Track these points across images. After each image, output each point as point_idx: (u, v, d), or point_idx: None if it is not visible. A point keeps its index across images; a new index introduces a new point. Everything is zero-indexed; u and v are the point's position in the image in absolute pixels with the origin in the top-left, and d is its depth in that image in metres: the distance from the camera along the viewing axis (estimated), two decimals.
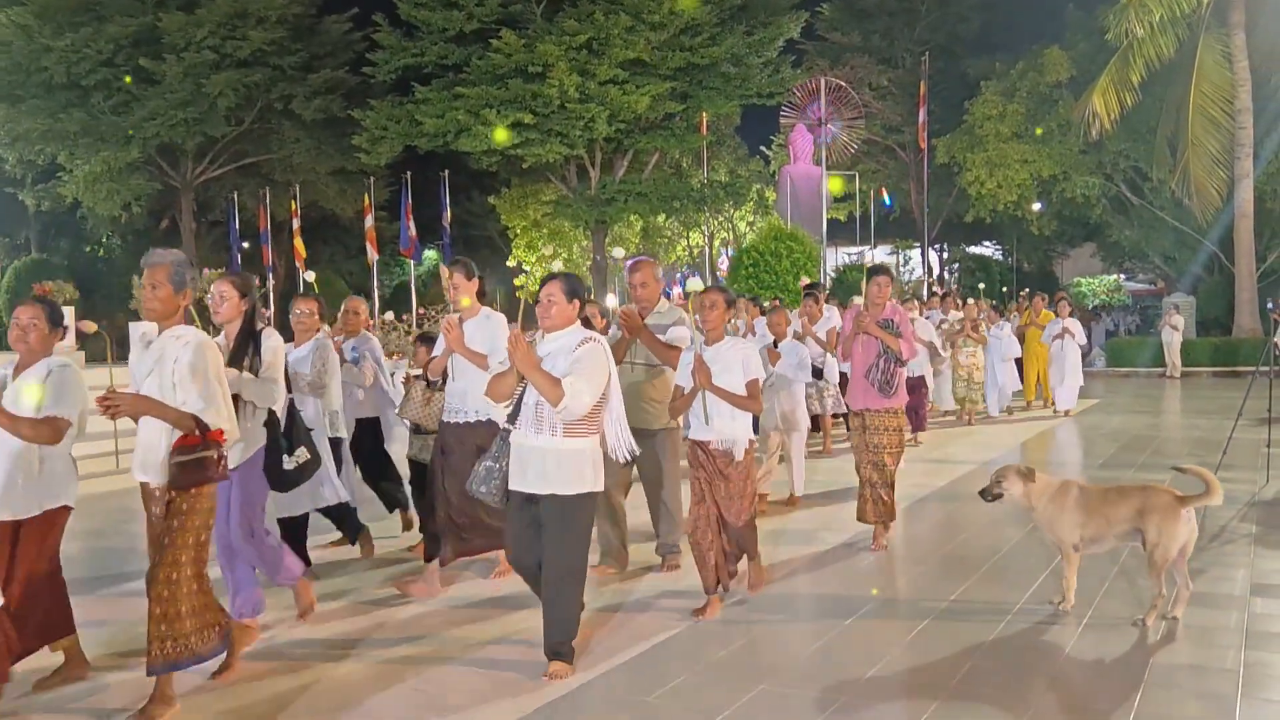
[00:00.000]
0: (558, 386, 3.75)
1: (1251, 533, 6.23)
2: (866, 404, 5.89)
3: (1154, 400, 15.55)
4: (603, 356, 3.92)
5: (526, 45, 22.88)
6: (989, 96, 25.50)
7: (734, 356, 4.64)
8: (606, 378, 3.93)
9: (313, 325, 5.73)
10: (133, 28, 24.44)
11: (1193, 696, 3.72)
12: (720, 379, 4.59)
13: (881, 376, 5.80)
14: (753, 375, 4.62)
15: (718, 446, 4.67)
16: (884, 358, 5.81)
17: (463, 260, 5.22)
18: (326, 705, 3.79)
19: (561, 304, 3.98)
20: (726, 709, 3.65)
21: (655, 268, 5.44)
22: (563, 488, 3.88)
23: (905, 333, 5.85)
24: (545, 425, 3.88)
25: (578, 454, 3.90)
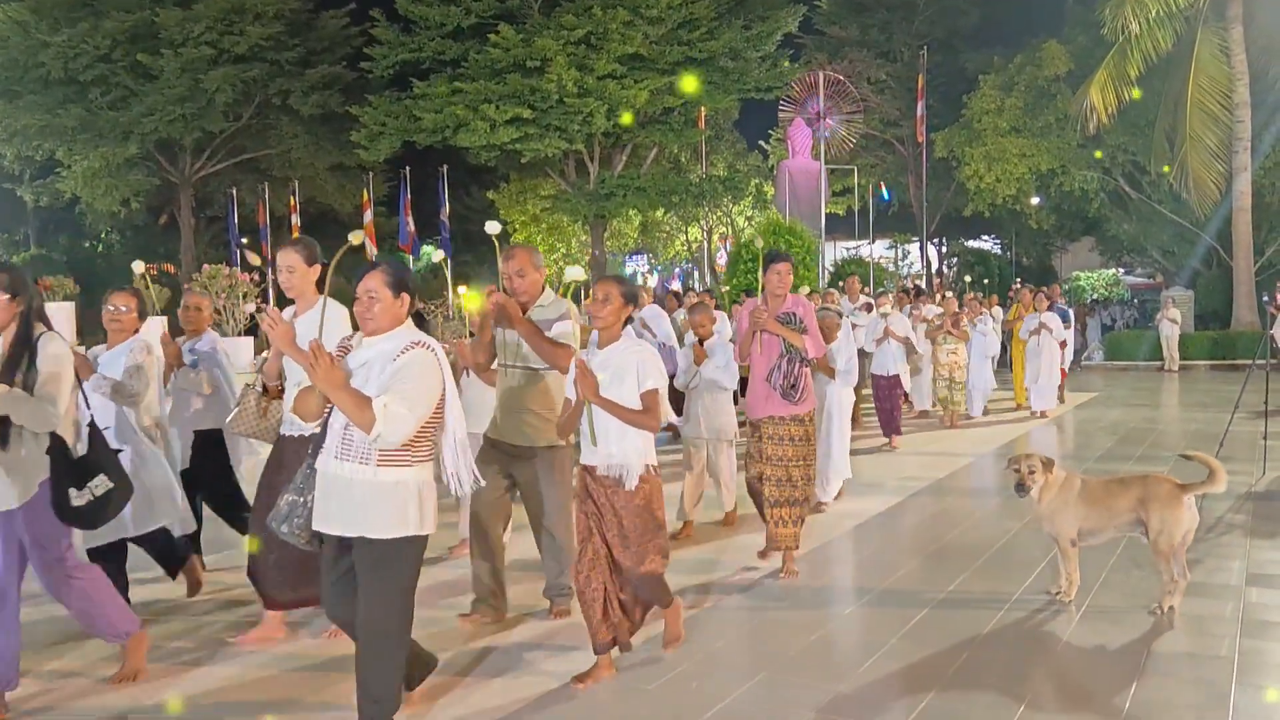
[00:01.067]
0: (367, 409, 3.00)
1: (1248, 524, 6.27)
2: (769, 411, 5.15)
3: (1151, 393, 15.59)
4: (432, 367, 3.16)
5: (524, 40, 22.87)
6: (987, 90, 25.49)
7: (628, 362, 3.74)
8: (437, 393, 3.18)
9: (129, 325, 4.83)
10: (130, 23, 24.43)
11: (1189, 684, 3.76)
12: (610, 389, 3.69)
13: (785, 380, 5.11)
14: (650, 385, 3.72)
15: (606, 473, 3.77)
16: (787, 358, 5.12)
17: (302, 240, 4.35)
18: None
19: (385, 300, 3.20)
20: (726, 698, 3.68)
21: (533, 255, 4.59)
22: (376, 529, 3.14)
23: (811, 328, 5.20)
24: (355, 451, 3.14)
25: (397, 488, 3.15)
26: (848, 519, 6.66)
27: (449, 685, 3.84)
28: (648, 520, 3.80)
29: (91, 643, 4.30)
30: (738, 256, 18.75)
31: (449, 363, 3.34)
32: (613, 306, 3.81)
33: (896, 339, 9.94)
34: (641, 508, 3.77)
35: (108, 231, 31.74)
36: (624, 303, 3.83)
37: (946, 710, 3.54)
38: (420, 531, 3.21)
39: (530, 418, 4.45)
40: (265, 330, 3.37)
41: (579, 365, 3.68)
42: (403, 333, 3.22)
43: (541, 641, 4.35)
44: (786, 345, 5.12)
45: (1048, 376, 12.07)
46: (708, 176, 27.34)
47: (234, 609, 4.89)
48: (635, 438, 3.75)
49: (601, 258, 27.46)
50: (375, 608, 3.20)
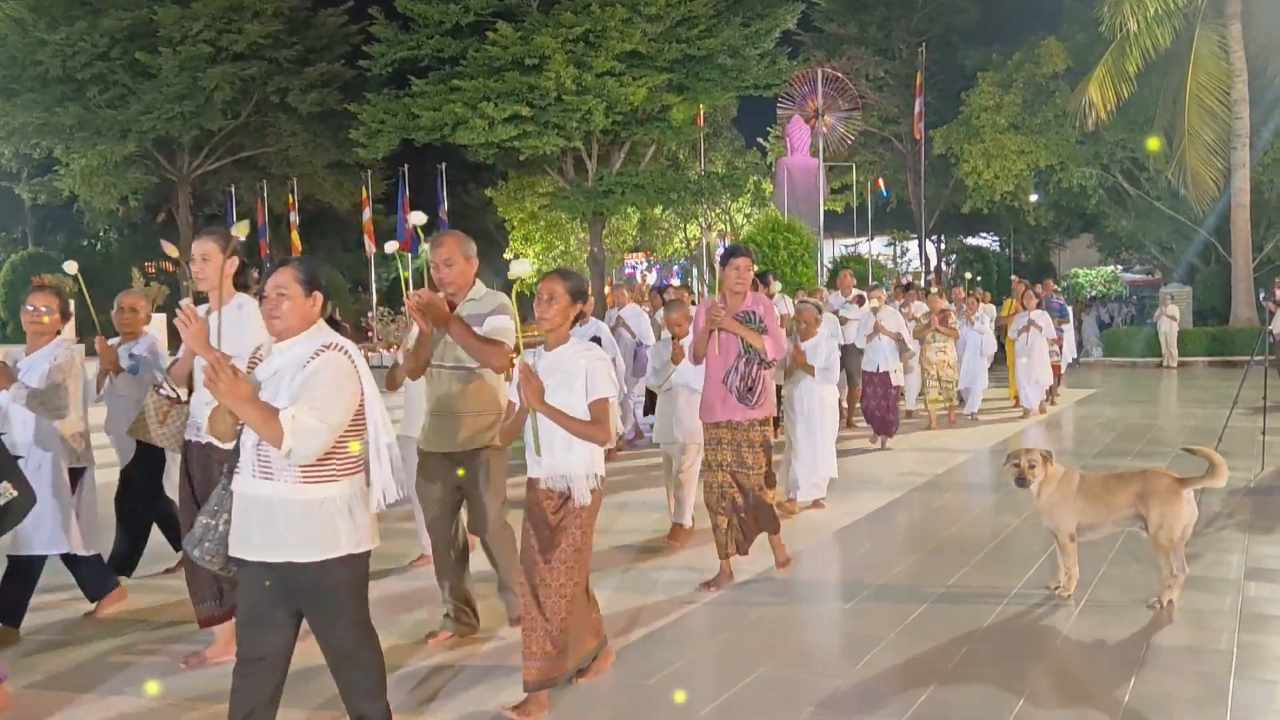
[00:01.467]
0: (274, 422, 2.72)
1: (1246, 518, 6.28)
2: (726, 415, 4.87)
3: (1150, 390, 15.60)
4: (345, 371, 2.88)
5: (523, 38, 22.84)
6: (986, 87, 25.49)
7: (576, 367, 3.44)
8: (353, 399, 2.89)
9: (50, 328, 4.55)
10: (128, 21, 24.40)
11: (1188, 677, 3.77)
12: (555, 395, 3.40)
13: (742, 382, 4.83)
14: (600, 393, 3.41)
15: (550, 485, 3.49)
16: (745, 359, 4.83)
17: (218, 231, 4.00)
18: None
19: (296, 299, 2.90)
20: (725, 692, 3.68)
21: (464, 243, 4.17)
22: (304, 552, 2.85)
23: (771, 327, 4.89)
24: (274, 468, 2.86)
25: (324, 505, 2.87)
26: (846, 515, 6.67)
27: (433, 690, 3.79)
28: (579, 539, 3.49)
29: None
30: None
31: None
32: (559, 306, 3.49)
33: (888, 335, 9.60)
34: (579, 532, 3.48)
35: (106, 230, 31.71)
36: (571, 301, 3.51)
37: (945, 704, 3.55)
38: (357, 549, 2.93)
39: (465, 420, 4.09)
40: (178, 327, 3.16)
41: (522, 369, 3.37)
42: (313, 336, 2.94)
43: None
44: (745, 345, 4.83)
45: (1038, 375, 11.77)
46: (706, 174, 27.32)
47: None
48: (583, 449, 3.46)
49: (600, 255, 27.45)
50: (332, 633, 2.98)
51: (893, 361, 9.65)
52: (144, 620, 4.72)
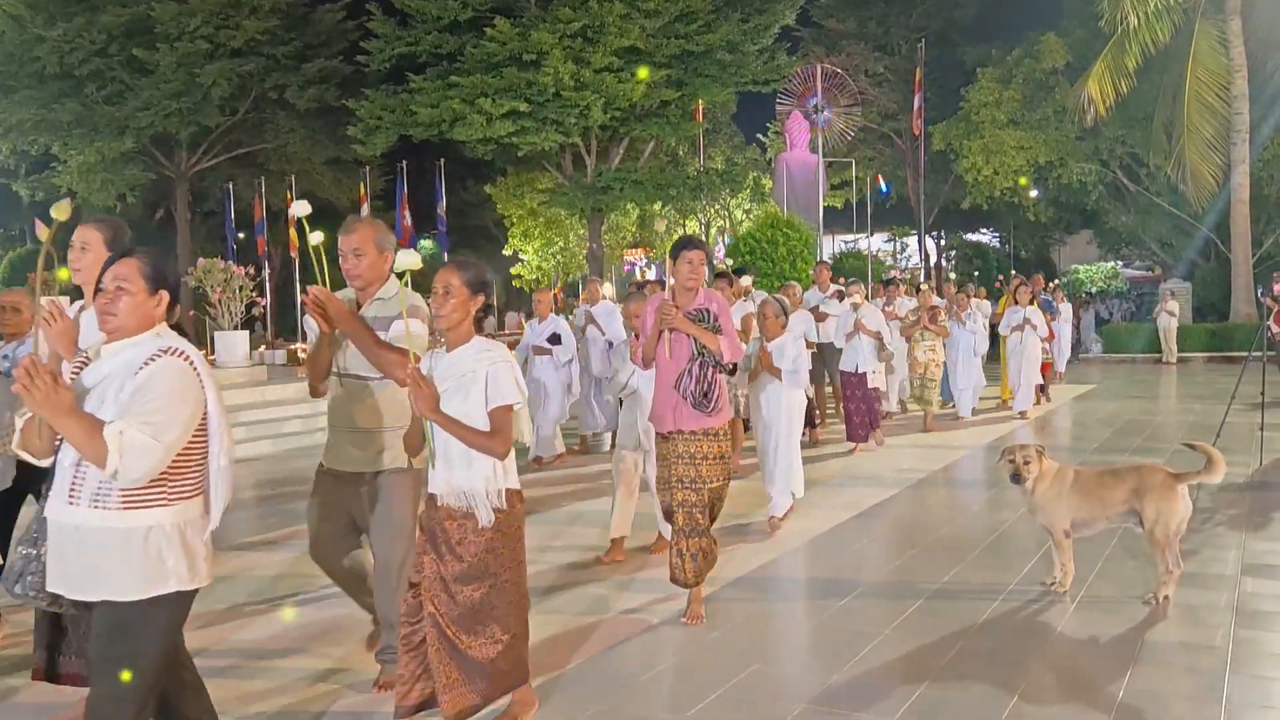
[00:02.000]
0: (98, 438, 2.34)
1: (1243, 514, 6.27)
2: (678, 424, 4.40)
3: (1149, 385, 15.59)
4: (185, 380, 2.48)
5: (521, 33, 22.79)
6: (985, 83, 25.45)
7: (477, 370, 3.07)
8: (194, 412, 2.49)
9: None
10: (125, 17, 24.33)
11: (1183, 673, 3.75)
12: (451, 402, 3.04)
13: (695, 387, 4.38)
14: (501, 400, 3.05)
15: (451, 502, 3.10)
16: (698, 362, 4.40)
17: (106, 219, 3.50)
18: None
19: (138, 295, 2.53)
20: (718, 689, 3.67)
21: (379, 233, 3.66)
22: (122, 589, 2.44)
23: (727, 327, 4.47)
24: (88, 492, 2.44)
25: (149, 535, 2.46)
26: (841, 511, 6.65)
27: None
28: (500, 569, 3.11)
29: None
30: (736, 250, 18.72)
31: None
32: (456, 300, 3.10)
33: (868, 334, 9.14)
34: (485, 552, 3.08)
35: None
36: (471, 294, 3.11)
37: (941, 700, 3.53)
38: (186, 586, 2.51)
39: (362, 438, 3.55)
40: (40, 326, 2.77)
41: (411, 374, 3.00)
42: (150, 339, 2.53)
43: None
44: (698, 347, 4.41)
45: (1030, 375, 11.34)
46: (705, 170, 27.29)
47: None
48: (486, 462, 3.07)
49: (599, 251, 27.42)
50: (104, 688, 2.45)
51: (872, 362, 9.20)
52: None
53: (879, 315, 9.50)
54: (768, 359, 6.25)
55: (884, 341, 9.38)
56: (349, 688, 3.77)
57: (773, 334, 6.31)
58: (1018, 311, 11.47)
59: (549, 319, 8.83)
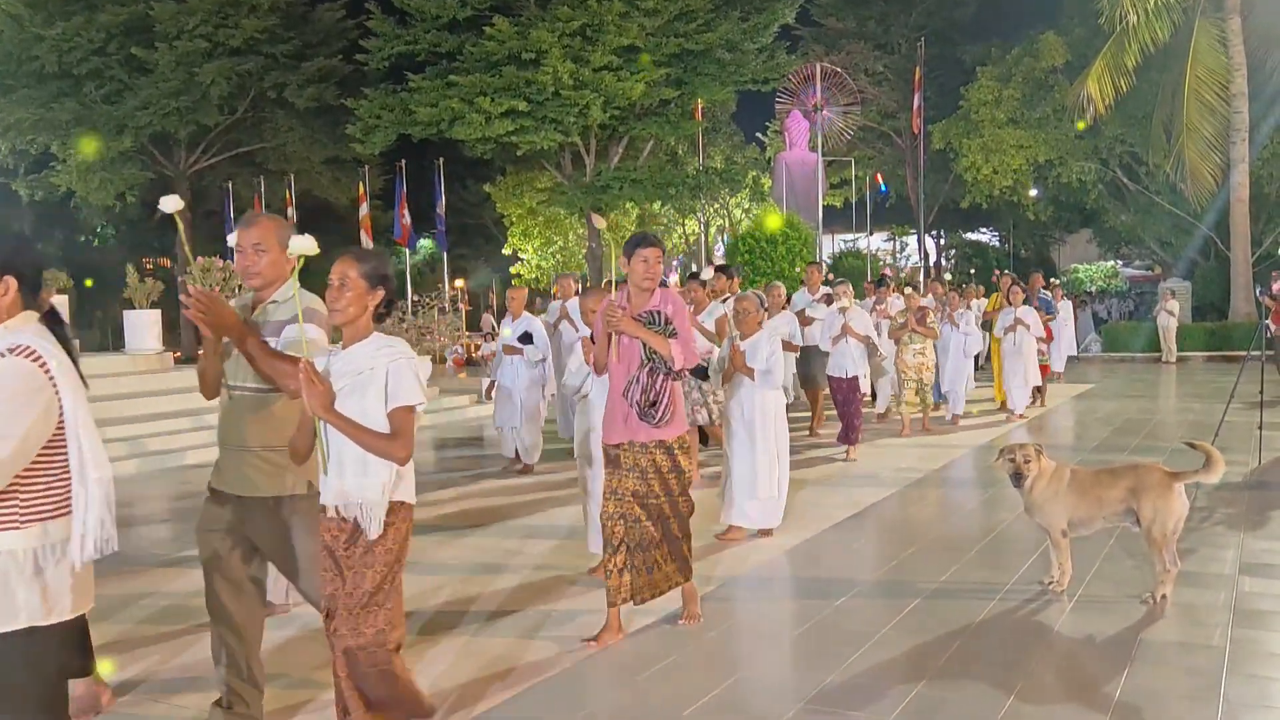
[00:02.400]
0: None
1: (1241, 513, 6.26)
2: (627, 435, 4.13)
3: (1148, 385, 15.58)
4: (30, 383, 2.23)
5: (520, 32, 22.78)
6: (985, 82, 25.46)
7: (376, 367, 2.83)
8: (43, 419, 2.24)
9: None
10: (124, 16, 24.32)
11: (1180, 673, 3.74)
12: (346, 401, 2.80)
13: (643, 395, 4.07)
14: (401, 400, 2.80)
15: (342, 513, 2.84)
16: (648, 368, 4.09)
17: None
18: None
19: None
20: (716, 688, 3.66)
21: (281, 229, 3.32)
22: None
23: (682, 330, 4.14)
24: None
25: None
26: (840, 510, 6.64)
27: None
28: (383, 578, 2.85)
29: None
30: (735, 249, 18.72)
31: None
32: (353, 293, 2.86)
33: (856, 338, 8.75)
34: (382, 573, 2.84)
35: (102, 226, 31.72)
36: (369, 287, 2.87)
37: (937, 699, 3.52)
38: (45, 620, 2.24)
39: (261, 456, 3.17)
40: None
41: (304, 369, 2.75)
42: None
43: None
44: (648, 352, 4.10)
45: (1024, 377, 11.03)
46: (704, 169, 27.29)
47: None
48: (382, 469, 2.81)
49: (598, 250, 27.42)
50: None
51: (862, 366, 8.85)
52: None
53: (866, 318, 9.13)
54: (740, 359, 5.82)
55: (874, 345, 9.11)
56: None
57: (749, 331, 5.90)
58: (1009, 312, 11.16)
59: (522, 318, 8.54)
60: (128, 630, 4.51)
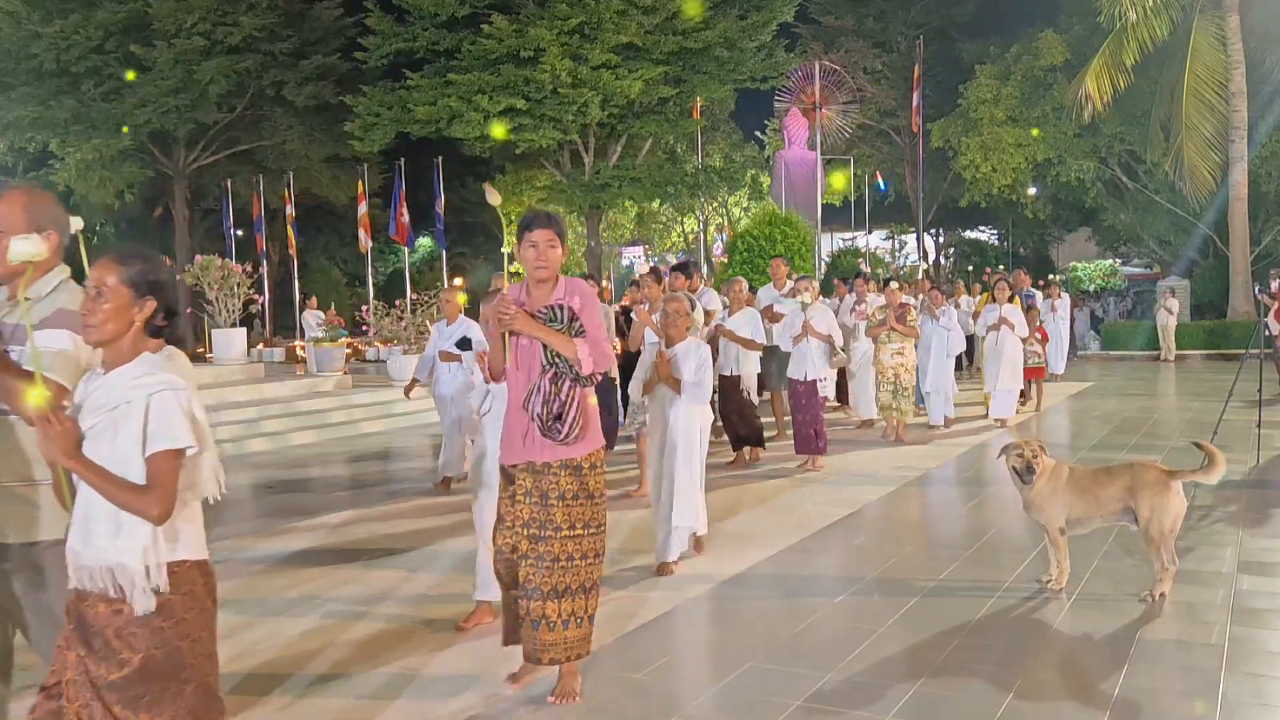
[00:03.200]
0: None
1: (1240, 512, 6.26)
2: (527, 455, 3.47)
3: (1147, 383, 15.59)
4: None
5: (518, 30, 22.75)
6: (983, 80, 25.45)
7: (134, 400, 2.22)
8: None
9: None
10: (122, 14, 24.27)
11: (1179, 671, 3.75)
12: (97, 443, 2.22)
13: (545, 406, 3.39)
14: (161, 443, 2.20)
15: (89, 582, 2.23)
16: (549, 375, 3.42)
17: None
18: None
19: None
20: (714, 686, 3.66)
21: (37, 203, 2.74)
22: None
23: (592, 327, 3.48)
24: None
25: None
26: (838, 508, 6.65)
27: None
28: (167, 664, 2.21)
29: None
30: (734, 247, 18.72)
31: None
32: (111, 305, 2.26)
33: (818, 337, 8.00)
34: (160, 642, 2.20)
35: (102, 224, 31.66)
36: (134, 296, 2.27)
37: (936, 697, 3.53)
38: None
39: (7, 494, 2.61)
40: None
41: (38, 410, 2.16)
42: None
43: None
44: (550, 355, 3.45)
45: (1009, 379, 10.34)
46: (703, 167, 27.28)
47: None
48: (140, 529, 2.20)
49: (597, 249, 27.42)
50: None
51: (823, 368, 8.11)
52: None
53: (829, 316, 8.29)
54: (665, 368, 5.19)
55: (834, 345, 8.16)
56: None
57: (676, 337, 5.25)
58: (993, 310, 10.60)
59: (459, 321, 7.77)
60: None
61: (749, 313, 8.30)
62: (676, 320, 5.25)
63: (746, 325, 8.10)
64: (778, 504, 6.84)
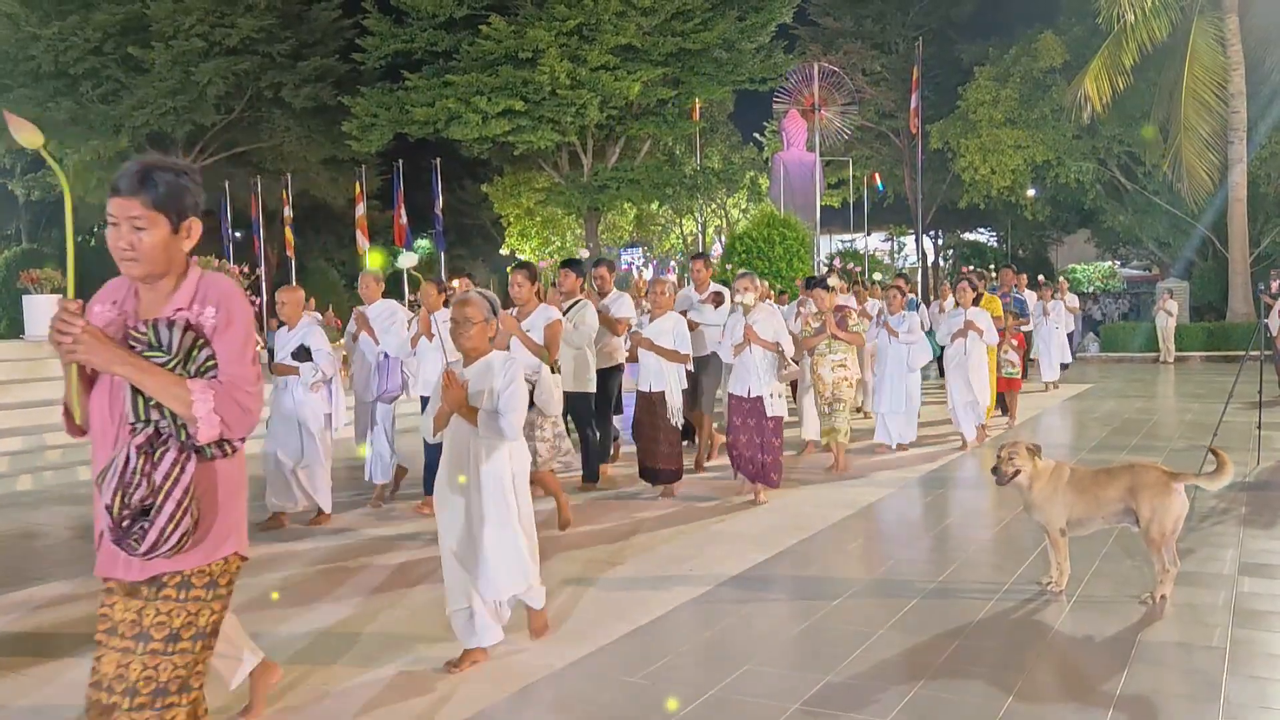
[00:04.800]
0: None
1: (1241, 513, 6.23)
2: (113, 569, 2.24)
3: (1147, 384, 15.56)
4: None
5: (516, 31, 22.76)
6: (982, 82, 25.46)
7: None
8: None
9: None
10: (120, 15, 24.26)
11: (1180, 673, 3.71)
12: None
13: (121, 496, 2.12)
14: None
15: None
16: (144, 434, 2.15)
17: None
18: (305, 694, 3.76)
19: None
20: (712, 688, 3.63)
21: None
22: None
23: (228, 354, 2.25)
24: None
25: None
26: (838, 509, 6.61)
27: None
28: None
29: None
30: (732, 249, 18.70)
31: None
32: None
33: (763, 345, 6.60)
34: None
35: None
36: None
37: (936, 699, 3.49)
38: None
39: None
40: None
41: None
42: None
43: None
44: (138, 406, 2.18)
45: (977, 393, 8.86)
46: (702, 169, 27.27)
47: None
48: None
49: (596, 250, 27.40)
50: None
51: (769, 382, 6.64)
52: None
53: (776, 319, 6.79)
54: (457, 393, 3.74)
55: (784, 355, 6.72)
56: None
57: (471, 351, 3.92)
58: (958, 314, 8.94)
59: (301, 325, 6.46)
60: None
61: (672, 318, 7.02)
62: (467, 330, 3.87)
63: (668, 333, 6.89)
64: (776, 505, 6.81)
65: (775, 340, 6.70)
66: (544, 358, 6.04)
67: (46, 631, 4.56)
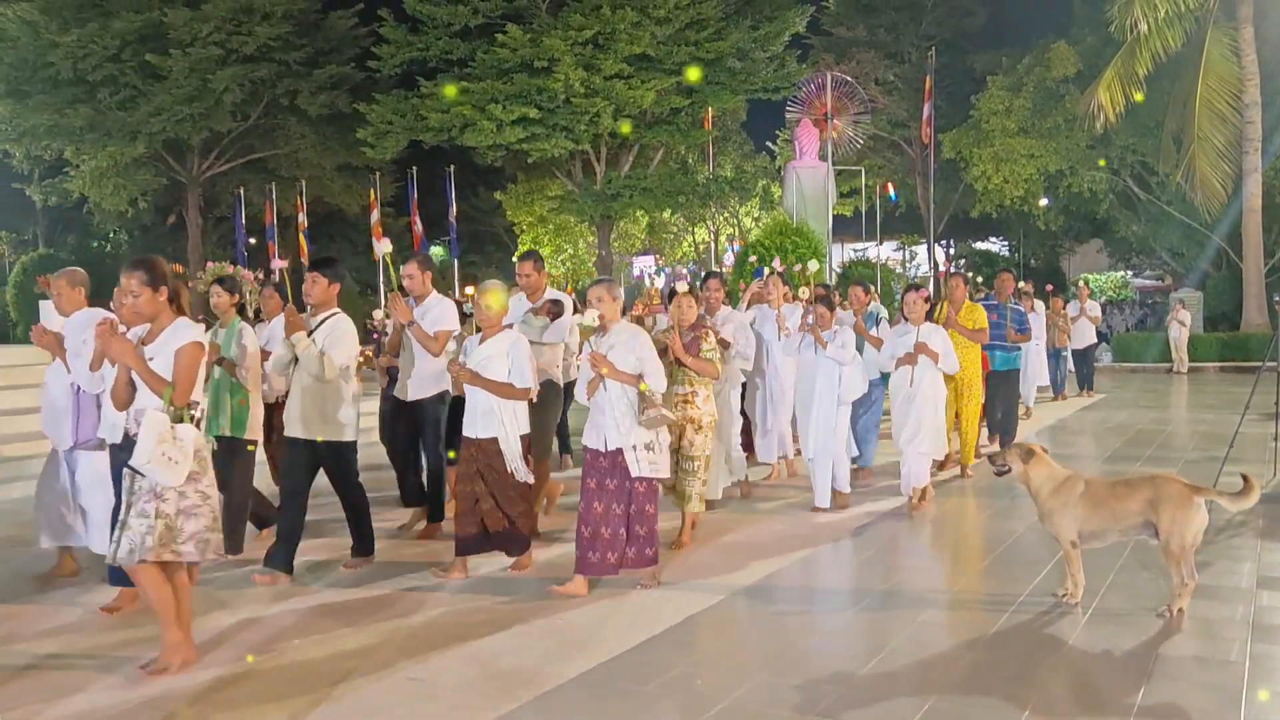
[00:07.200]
0: None
1: (1258, 526, 6.18)
2: None
3: (1160, 395, 15.48)
4: None
5: (532, 40, 22.85)
6: (995, 91, 25.42)
7: None
8: None
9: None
10: (139, 23, 24.48)
11: (1199, 688, 3.69)
12: None
13: None
14: None
15: None
16: None
17: None
18: (314, 693, 3.77)
19: None
20: (723, 700, 3.62)
21: None
22: None
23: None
24: None
25: None
26: (852, 519, 6.59)
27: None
28: None
29: None
30: (744, 257, 18.69)
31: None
32: None
33: (620, 379, 4.94)
34: None
35: (115, 231, 31.88)
36: None
37: (951, 713, 3.47)
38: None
39: None
40: None
41: None
42: None
43: None
44: None
45: (925, 439, 6.74)
46: (714, 177, 27.29)
47: None
48: None
49: (608, 258, 27.44)
50: None
51: (630, 430, 4.92)
52: None
53: (639, 341, 5.02)
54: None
55: (649, 393, 4.91)
56: None
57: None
58: (908, 332, 6.83)
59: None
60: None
61: (507, 338, 5.19)
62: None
63: (499, 357, 5.12)
64: (786, 516, 6.79)
65: (637, 372, 4.93)
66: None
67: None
